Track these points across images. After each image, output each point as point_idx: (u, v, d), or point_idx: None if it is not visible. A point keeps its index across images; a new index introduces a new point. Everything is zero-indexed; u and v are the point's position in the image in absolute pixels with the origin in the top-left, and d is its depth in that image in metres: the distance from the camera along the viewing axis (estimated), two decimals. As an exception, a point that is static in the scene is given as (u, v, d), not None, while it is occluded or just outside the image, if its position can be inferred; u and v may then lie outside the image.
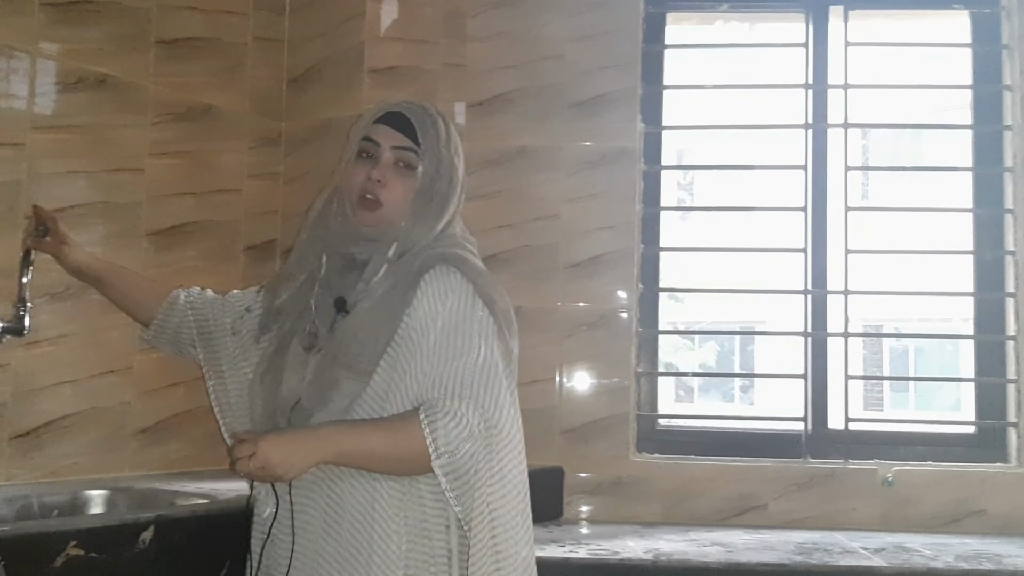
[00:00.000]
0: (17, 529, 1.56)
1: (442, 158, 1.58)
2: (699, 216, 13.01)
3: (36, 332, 2.06)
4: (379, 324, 1.48)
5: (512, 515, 1.45)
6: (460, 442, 1.39)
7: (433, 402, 1.42)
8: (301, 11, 2.72)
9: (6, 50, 2.08)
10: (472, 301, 1.50)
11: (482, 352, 1.47)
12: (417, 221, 1.55)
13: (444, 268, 1.51)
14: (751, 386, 13.50)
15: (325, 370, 1.50)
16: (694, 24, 3.02)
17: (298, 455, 1.39)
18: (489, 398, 1.44)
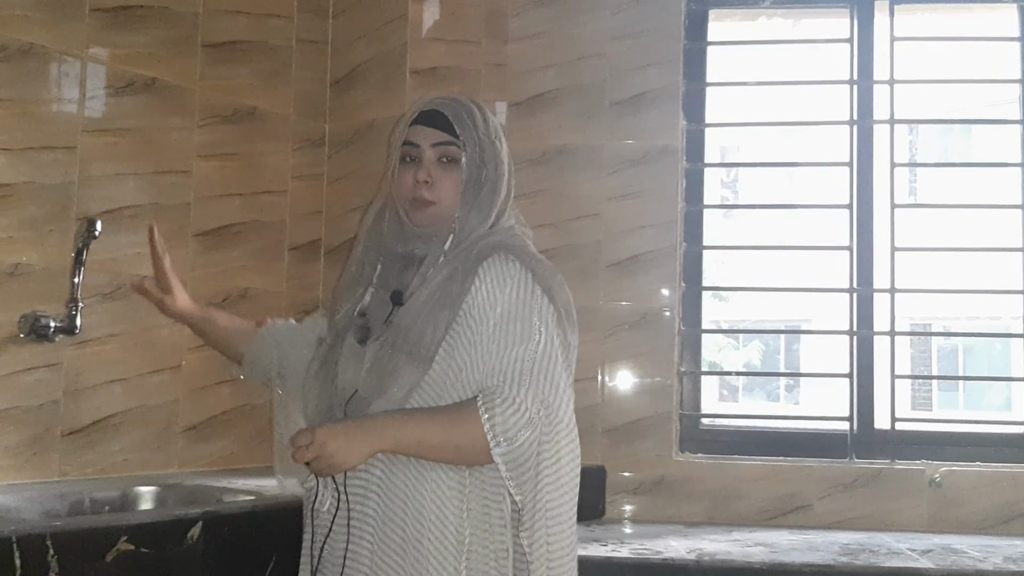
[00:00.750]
0: (70, 524, 1.59)
1: (484, 144, 1.57)
2: (743, 214, 12.93)
3: (88, 331, 2.11)
4: (437, 312, 1.48)
5: (564, 506, 1.45)
6: (519, 430, 1.39)
7: (491, 389, 1.42)
8: (344, 14, 2.75)
9: (57, 55, 2.12)
10: (531, 288, 1.49)
11: (542, 339, 1.46)
12: (470, 210, 1.55)
13: (502, 256, 1.51)
14: (796, 385, 13.37)
15: (384, 358, 1.50)
16: (737, 21, 3.00)
17: (355, 444, 1.40)
18: (549, 385, 1.44)
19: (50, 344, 2.06)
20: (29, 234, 2.06)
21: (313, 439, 1.39)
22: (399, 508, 1.46)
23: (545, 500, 1.41)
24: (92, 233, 2.02)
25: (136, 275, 1.96)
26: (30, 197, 2.06)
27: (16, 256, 2.03)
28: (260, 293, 2.56)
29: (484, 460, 1.41)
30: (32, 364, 2.06)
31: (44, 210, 2.09)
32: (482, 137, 1.57)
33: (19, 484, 2.01)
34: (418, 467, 1.46)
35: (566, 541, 1.45)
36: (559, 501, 1.44)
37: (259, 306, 2.56)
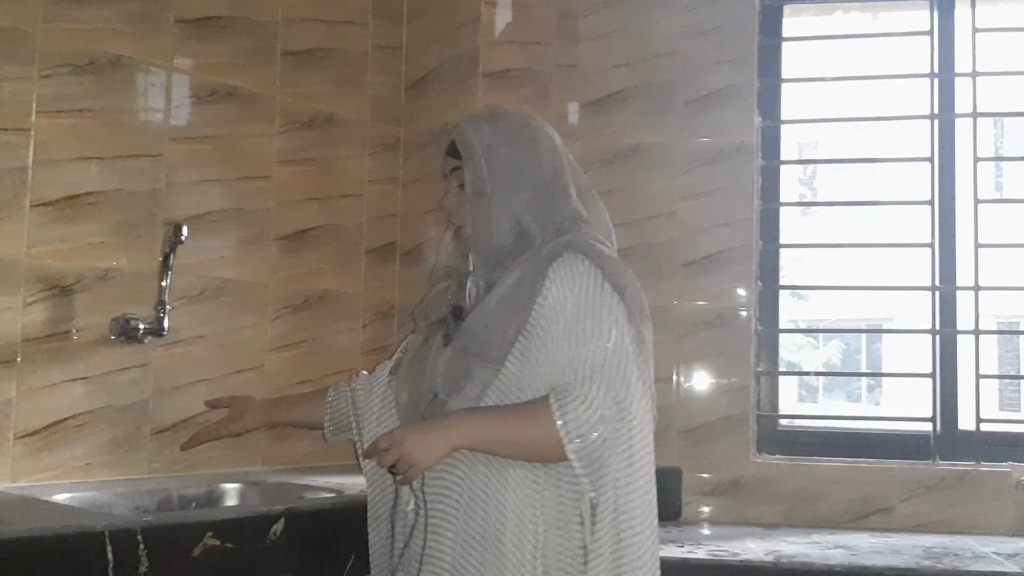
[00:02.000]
0: (159, 520, 1.65)
1: (488, 154, 1.58)
2: (822, 211, 12.69)
3: (175, 333, 2.18)
4: (508, 313, 1.51)
5: (639, 505, 1.45)
6: (591, 427, 1.40)
7: (564, 387, 1.43)
8: (418, 19, 2.79)
9: (144, 66, 2.20)
10: (600, 286, 1.50)
11: (613, 336, 1.47)
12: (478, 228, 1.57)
13: (571, 255, 1.52)
14: (877, 385, 13.06)
15: (457, 360, 1.53)
16: (812, 15, 2.96)
17: (432, 441, 1.43)
18: (621, 382, 1.44)
19: (139, 345, 2.13)
20: (119, 239, 2.13)
21: (392, 440, 1.43)
22: (480, 507, 1.48)
23: (619, 496, 1.42)
24: (178, 238, 2.08)
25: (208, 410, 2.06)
26: (120, 203, 2.14)
27: (107, 260, 2.11)
28: (338, 295, 2.61)
29: (558, 457, 1.42)
30: (123, 365, 2.14)
31: (133, 216, 2.16)
32: (487, 148, 1.58)
33: (111, 480, 2.08)
34: (497, 466, 1.48)
35: (642, 537, 1.45)
36: (633, 497, 1.44)
37: (338, 307, 2.61)
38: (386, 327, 2.74)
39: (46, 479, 1.99)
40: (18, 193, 1.97)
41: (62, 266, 2.04)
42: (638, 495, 1.45)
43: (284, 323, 2.47)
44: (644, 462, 1.47)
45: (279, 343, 2.46)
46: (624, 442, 1.43)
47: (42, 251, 2.01)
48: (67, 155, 2.05)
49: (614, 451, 1.42)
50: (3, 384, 1.94)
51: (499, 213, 1.57)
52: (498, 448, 1.46)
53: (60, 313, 2.03)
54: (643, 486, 1.47)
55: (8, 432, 1.94)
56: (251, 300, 2.40)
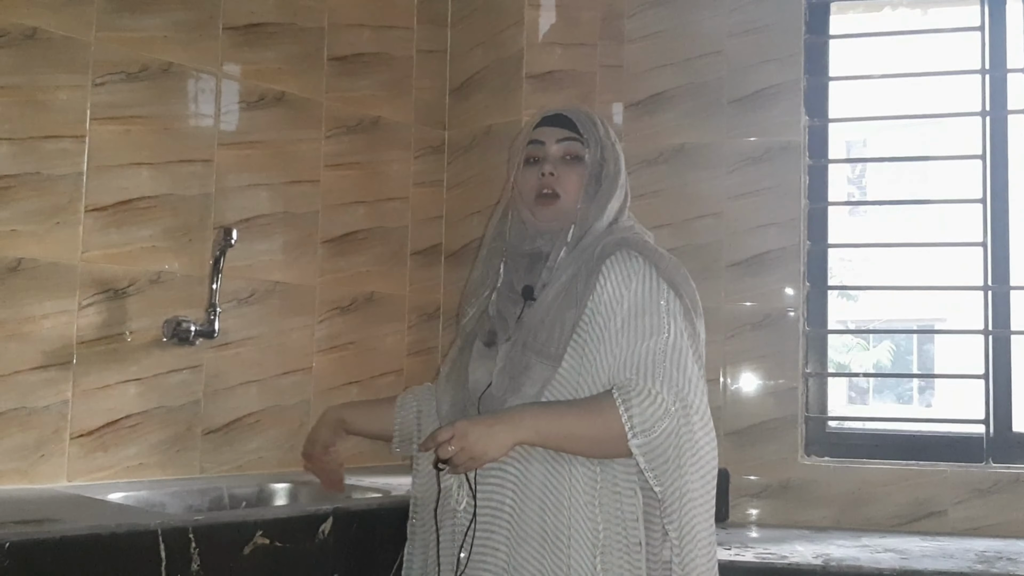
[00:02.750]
0: (210, 518, 1.68)
1: (605, 144, 1.63)
2: (872, 210, 12.51)
3: (225, 335, 2.22)
4: (564, 310, 1.51)
5: (706, 496, 1.45)
6: (656, 421, 1.40)
7: (626, 382, 1.43)
8: (462, 22, 2.80)
9: (194, 73, 2.24)
10: (656, 283, 1.51)
11: (671, 332, 1.48)
12: (591, 202, 1.60)
13: (626, 253, 1.53)
14: (929, 387, 12.84)
15: (516, 357, 1.53)
16: (860, 12, 2.92)
17: (496, 434, 1.41)
18: (682, 377, 1.45)
19: (191, 347, 2.17)
20: (171, 243, 2.18)
21: (454, 431, 1.41)
22: (536, 503, 1.48)
23: (689, 489, 1.41)
24: (228, 241, 2.12)
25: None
26: (171, 208, 2.18)
27: (160, 264, 2.15)
28: (384, 297, 2.64)
29: (621, 452, 1.43)
30: (175, 366, 2.18)
31: (184, 220, 2.20)
32: (603, 137, 1.63)
33: (164, 480, 2.12)
34: (553, 462, 1.48)
35: (708, 531, 1.45)
36: (702, 491, 1.44)
37: (384, 309, 2.63)
38: (431, 329, 2.76)
39: (101, 478, 2.04)
40: (73, 199, 2.02)
41: (116, 270, 2.08)
42: (701, 492, 1.44)
43: (331, 325, 2.50)
44: (708, 457, 1.46)
45: (326, 344, 2.49)
46: (689, 435, 1.43)
47: (96, 255, 2.05)
48: (120, 161, 2.10)
49: (678, 446, 1.41)
50: (59, 385, 1.99)
51: (605, 199, 1.61)
52: (562, 443, 1.45)
53: (114, 316, 2.08)
54: (710, 480, 1.46)
55: (64, 432, 1.99)
56: (299, 302, 2.43)
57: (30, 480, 1.94)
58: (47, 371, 1.97)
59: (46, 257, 1.97)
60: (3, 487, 1.89)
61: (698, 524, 1.43)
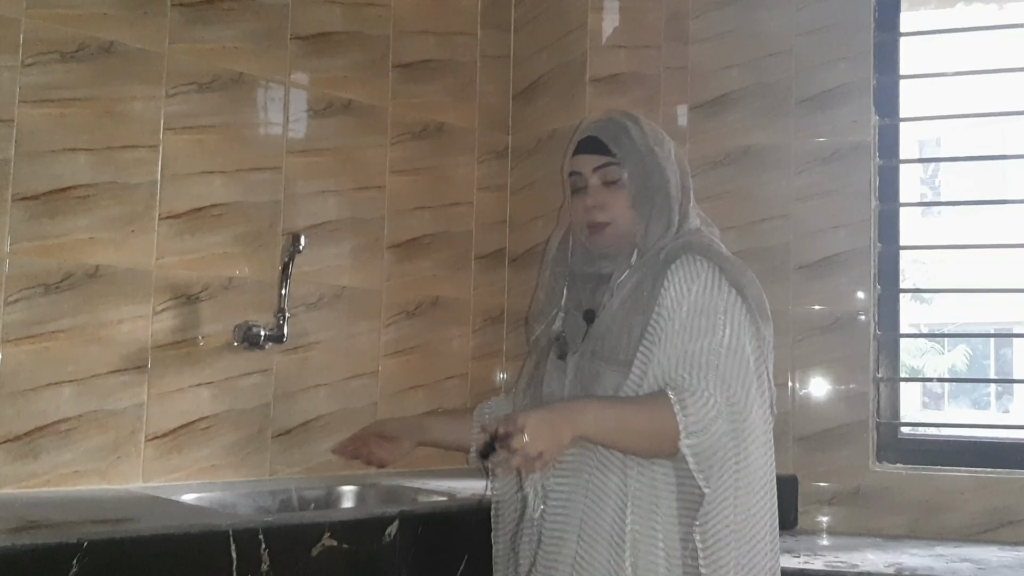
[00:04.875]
0: (279, 520, 1.71)
1: (643, 155, 1.60)
2: (946, 211, 12.19)
3: (294, 339, 2.25)
4: (631, 317, 1.52)
5: (757, 505, 1.43)
6: (709, 422, 1.40)
7: (680, 381, 1.44)
8: (526, 27, 2.81)
9: (264, 82, 2.28)
10: (718, 284, 1.51)
11: (728, 333, 1.48)
12: (648, 222, 1.59)
13: (689, 256, 1.53)
14: (1007, 392, 12.46)
15: (585, 366, 1.55)
16: (932, 9, 2.85)
17: (558, 428, 1.40)
18: (736, 381, 1.45)
19: (261, 351, 2.21)
20: (241, 249, 2.22)
21: (515, 424, 1.38)
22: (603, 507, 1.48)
23: (737, 496, 1.41)
24: (297, 247, 2.15)
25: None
26: (242, 215, 2.23)
27: (231, 270, 2.20)
28: (449, 301, 2.65)
29: (671, 451, 1.42)
30: (246, 370, 2.22)
31: (254, 226, 2.25)
32: (641, 148, 1.61)
33: (235, 482, 2.17)
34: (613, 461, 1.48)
35: (762, 540, 1.43)
36: (752, 500, 1.42)
37: (449, 313, 2.65)
38: (496, 332, 2.77)
39: (175, 479, 2.09)
40: (148, 206, 2.07)
41: (189, 275, 2.13)
42: (757, 496, 1.43)
43: (397, 329, 2.52)
44: (761, 463, 1.45)
45: (392, 348, 2.51)
46: (738, 440, 1.42)
47: (171, 261, 2.10)
48: (193, 169, 2.15)
49: (727, 449, 1.41)
50: (135, 388, 2.04)
51: (661, 210, 1.59)
52: (617, 437, 1.45)
53: (187, 320, 2.13)
54: (761, 488, 1.45)
55: (140, 434, 2.04)
56: (366, 306, 2.46)
57: (107, 480, 1.99)
58: (124, 374, 2.03)
59: (123, 263, 2.03)
60: (82, 487, 1.95)
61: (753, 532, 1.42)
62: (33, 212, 1.92)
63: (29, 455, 1.90)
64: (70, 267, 1.97)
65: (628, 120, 1.65)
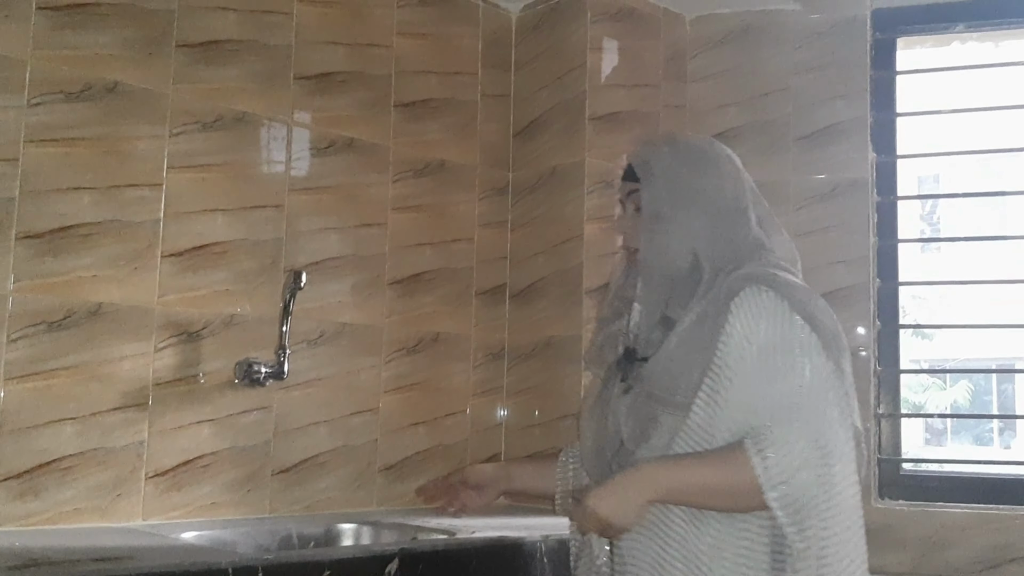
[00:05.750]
0: (279, 558, 1.70)
1: (668, 175, 1.53)
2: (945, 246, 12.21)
3: (295, 376, 2.25)
4: (691, 355, 1.43)
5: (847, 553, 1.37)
6: (794, 471, 1.32)
7: (759, 430, 1.35)
8: (526, 67, 2.84)
9: (266, 121, 2.30)
10: (789, 319, 1.42)
11: (807, 372, 1.39)
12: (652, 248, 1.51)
13: (754, 289, 1.44)
14: (1008, 428, 12.41)
15: (641, 407, 1.47)
16: (928, 47, 2.88)
17: (627, 502, 1.37)
18: (821, 422, 1.36)
19: (261, 388, 2.21)
20: (243, 286, 2.23)
21: (584, 511, 1.37)
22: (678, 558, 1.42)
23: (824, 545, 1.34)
24: (298, 284, 2.16)
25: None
26: (244, 252, 2.24)
27: (232, 307, 2.21)
28: (450, 337, 2.66)
29: (757, 505, 1.35)
30: (246, 407, 2.22)
31: (256, 264, 2.26)
32: (666, 169, 1.53)
33: (235, 519, 2.16)
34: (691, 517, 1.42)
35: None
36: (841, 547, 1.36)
37: (450, 349, 2.65)
38: (497, 368, 2.77)
39: (175, 517, 2.08)
40: (151, 244, 2.09)
41: (191, 313, 2.14)
42: (846, 544, 1.36)
43: (398, 365, 2.52)
44: (850, 506, 1.37)
45: (393, 385, 2.51)
46: (828, 487, 1.34)
47: (172, 299, 2.11)
48: (195, 207, 2.16)
49: (818, 497, 1.33)
50: (136, 426, 2.04)
51: (677, 237, 1.51)
52: (694, 498, 1.39)
53: (189, 358, 2.13)
54: (850, 534, 1.37)
55: (140, 472, 2.04)
56: (367, 343, 2.46)
57: (107, 518, 1.99)
58: (125, 412, 2.03)
59: (125, 301, 2.04)
60: (83, 525, 1.95)
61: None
62: (37, 250, 1.94)
63: (30, 493, 1.90)
64: (72, 305, 1.97)
65: (665, 143, 1.59)
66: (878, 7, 2.73)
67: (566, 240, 2.65)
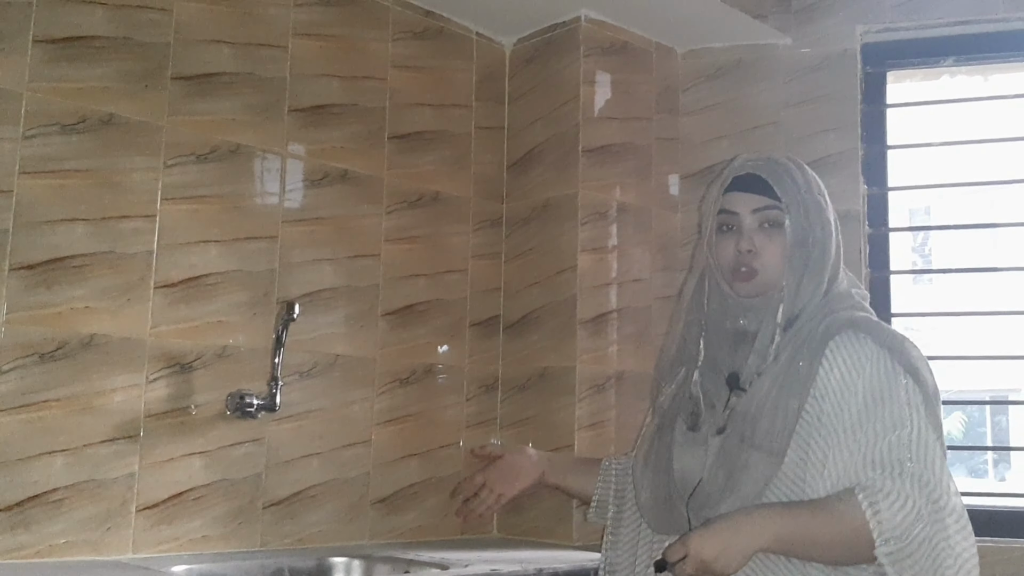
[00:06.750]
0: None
1: (808, 205, 1.48)
2: (938, 278, 12.25)
3: (287, 408, 2.24)
4: (785, 399, 1.38)
5: None
6: (908, 526, 1.28)
7: (871, 482, 1.31)
8: (519, 100, 2.86)
9: (261, 153, 2.31)
10: (892, 369, 1.38)
11: (915, 424, 1.35)
12: (802, 277, 1.46)
13: (852, 334, 1.40)
14: (1003, 460, 12.38)
15: (732, 452, 1.40)
16: (917, 81, 2.91)
17: (734, 546, 1.31)
18: (932, 474, 1.33)
19: (253, 420, 2.20)
20: (236, 318, 2.23)
21: (688, 551, 1.30)
22: None
23: None
24: (291, 316, 2.16)
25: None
26: (238, 284, 2.24)
27: (225, 339, 2.20)
28: (444, 368, 2.65)
29: (864, 559, 1.31)
30: (238, 439, 2.21)
31: (249, 295, 2.25)
32: (805, 196, 1.48)
33: (226, 553, 2.14)
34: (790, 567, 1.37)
35: None
36: None
37: (444, 380, 2.64)
38: (490, 401, 2.76)
39: (166, 550, 2.06)
40: (144, 276, 2.08)
41: (183, 344, 2.13)
42: None
43: (391, 397, 2.52)
44: (969, 565, 1.33)
45: (386, 417, 2.50)
46: (943, 542, 1.30)
47: (165, 331, 2.11)
48: (189, 239, 2.16)
49: (934, 554, 1.29)
50: (127, 458, 2.03)
51: (817, 268, 1.46)
52: (802, 548, 1.33)
53: (180, 389, 2.12)
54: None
55: (131, 504, 2.02)
56: (360, 375, 2.45)
57: (98, 551, 1.97)
58: (116, 444, 2.02)
59: (117, 333, 2.04)
60: (73, 558, 1.93)
61: None
62: (30, 282, 1.93)
63: (20, 526, 1.88)
64: (65, 336, 1.97)
65: (791, 162, 1.52)
66: (868, 41, 2.77)
67: (560, 272, 2.65)
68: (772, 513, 1.34)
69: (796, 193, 1.47)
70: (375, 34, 2.57)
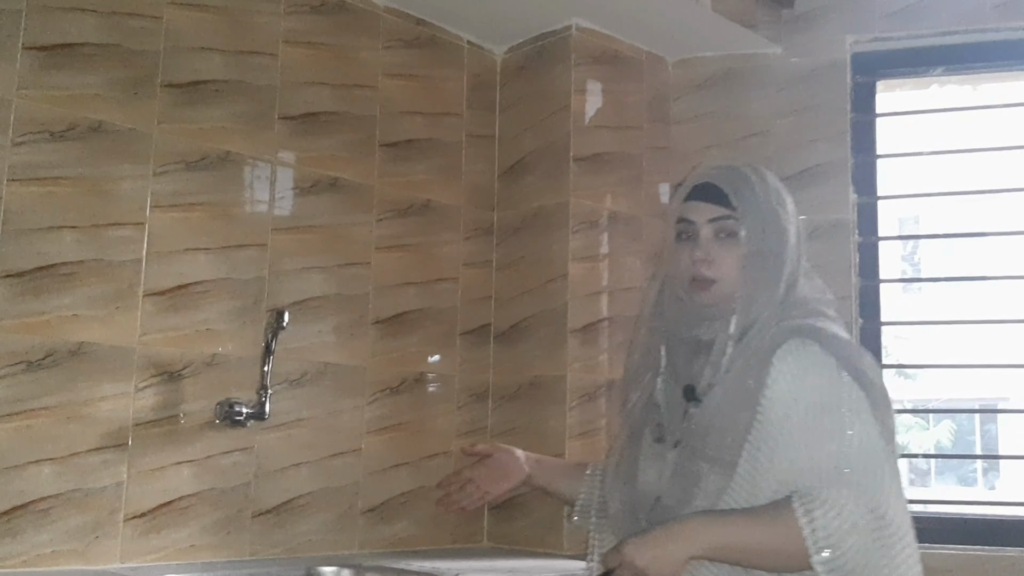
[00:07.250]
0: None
1: (764, 213, 1.47)
2: (928, 286, 12.31)
3: (276, 416, 2.23)
4: (735, 411, 1.39)
5: None
6: (843, 535, 1.27)
7: (807, 490, 1.30)
8: (511, 108, 2.86)
9: (250, 161, 2.31)
10: (837, 376, 1.37)
11: (856, 432, 1.34)
12: (755, 288, 1.46)
13: (799, 342, 1.39)
14: (992, 469, 12.42)
15: (686, 464, 1.41)
16: (907, 90, 2.93)
17: (667, 553, 1.31)
18: (873, 484, 1.31)
19: (242, 429, 2.19)
20: (225, 326, 2.22)
21: (623, 558, 1.32)
22: None
23: None
24: (280, 324, 2.15)
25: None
26: (227, 292, 2.23)
27: (214, 347, 2.19)
28: (435, 377, 2.64)
29: (802, 567, 1.30)
30: (227, 448, 2.19)
31: (239, 303, 2.25)
32: (762, 206, 1.48)
33: (215, 562, 2.12)
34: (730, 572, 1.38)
35: None
36: None
37: (434, 388, 2.63)
38: (481, 409, 2.75)
39: (154, 560, 2.05)
40: (133, 284, 2.07)
41: (172, 353, 2.12)
42: None
43: (381, 406, 2.51)
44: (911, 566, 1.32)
45: (376, 425, 2.49)
46: (884, 551, 1.29)
47: (154, 339, 2.10)
48: (178, 247, 2.16)
49: (872, 563, 1.28)
50: (116, 467, 2.02)
51: (772, 278, 1.46)
52: (737, 556, 1.34)
53: (169, 398, 2.11)
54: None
55: (119, 514, 2.01)
56: (350, 383, 2.45)
57: (86, 561, 1.95)
58: (104, 453, 2.00)
59: (106, 341, 2.02)
60: (60, 568, 1.91)
61: None
62: (18, 289, 1.92)
63: (7, 535, 1.86)
64: (53, 344, 1.96)
65: (751, 171, 1.51)
66: (858, 51, 2.78)
67: (551, 280, 2.65)
68: (707, 520, 1.34)
69: (753, 202, 1.47)
70: (366, 42, 2.57)
